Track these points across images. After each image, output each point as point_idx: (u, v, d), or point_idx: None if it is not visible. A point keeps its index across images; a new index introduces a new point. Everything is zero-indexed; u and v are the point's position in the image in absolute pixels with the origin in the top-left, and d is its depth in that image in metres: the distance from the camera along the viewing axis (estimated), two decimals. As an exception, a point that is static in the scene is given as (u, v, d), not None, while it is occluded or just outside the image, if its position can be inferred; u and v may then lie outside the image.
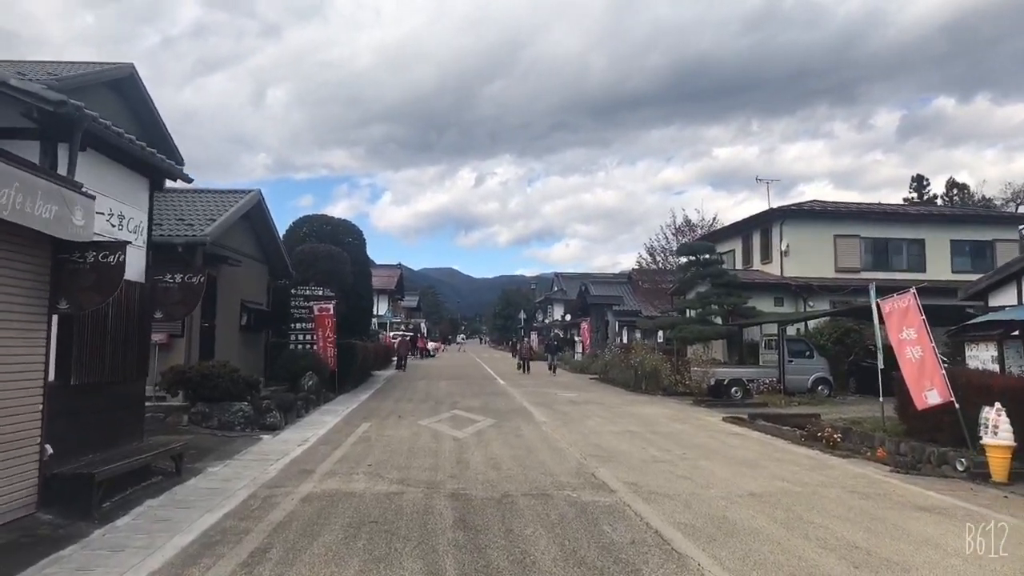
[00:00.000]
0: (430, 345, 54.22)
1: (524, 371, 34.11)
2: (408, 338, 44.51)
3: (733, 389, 20.49)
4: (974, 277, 27.34)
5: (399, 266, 66.25)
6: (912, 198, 66.83)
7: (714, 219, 39.34)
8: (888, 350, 13.43)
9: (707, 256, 26.43)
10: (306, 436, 12.43)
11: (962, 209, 38.21)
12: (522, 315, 72.04)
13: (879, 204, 34.79)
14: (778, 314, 24.83)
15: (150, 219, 9.13)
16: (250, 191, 17.71)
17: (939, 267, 28.97)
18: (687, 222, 38.75)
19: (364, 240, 29.81)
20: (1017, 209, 39.26)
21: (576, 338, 49.94)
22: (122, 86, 18.09)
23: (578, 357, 43.01)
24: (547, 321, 74.96)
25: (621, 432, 13.32)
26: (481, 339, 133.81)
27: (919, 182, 72.45)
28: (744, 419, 15.71)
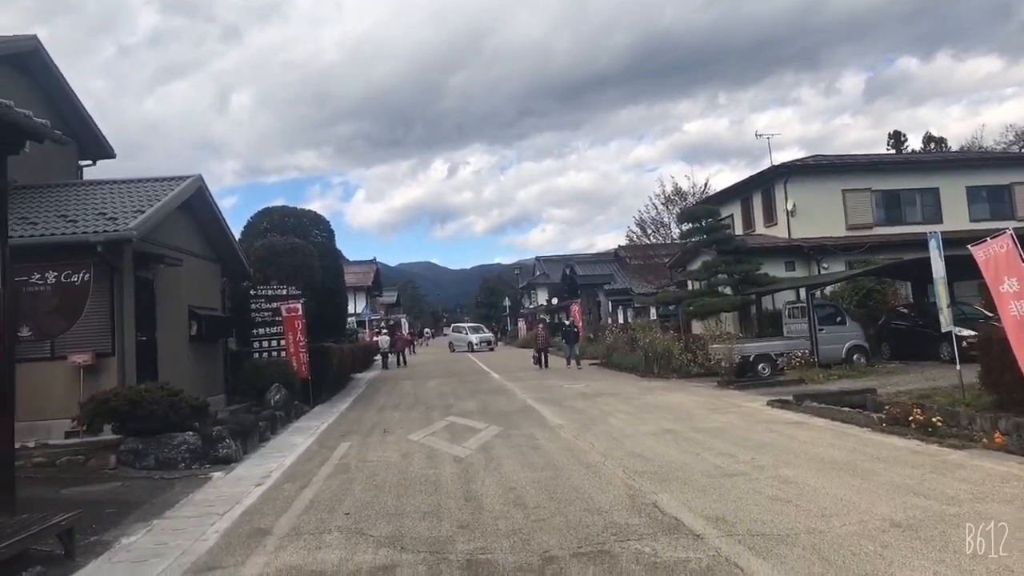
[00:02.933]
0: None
1: (542, 365, 27.04)
2: (409, 334, 41.82)
3: (760, 366, 18.12)
4: (993, 225, 25.43)
5: (374, 261, 63.24)
6: (892, 156, 64.89)
7: (706, 185, 36.95)
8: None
9: (710, 221, 24.03)
10: (269, 469, 9.85)
11: (977, 153, 36.06)
12: (507, 302, 69.39)
13: (888, 153, 32.65)
14: (800, 279, 22.57)
15: (3, 198, 6.42)
16: (188, 177, 14.98)
17: (956, 217, 26.86)
18: (677, 190, 36.25)
19: (333, 232, 27.08)
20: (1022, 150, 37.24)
21: (566, 321, 47.55)
22: (27, 63, 15.18)
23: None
24: (531, 306, 72.45)
25: (658, 432, 10.86)
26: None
27: (896, 139, 70.58)
28: (790, 402, 13.33)
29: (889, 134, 72.83)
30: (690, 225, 24.64)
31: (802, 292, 23.04)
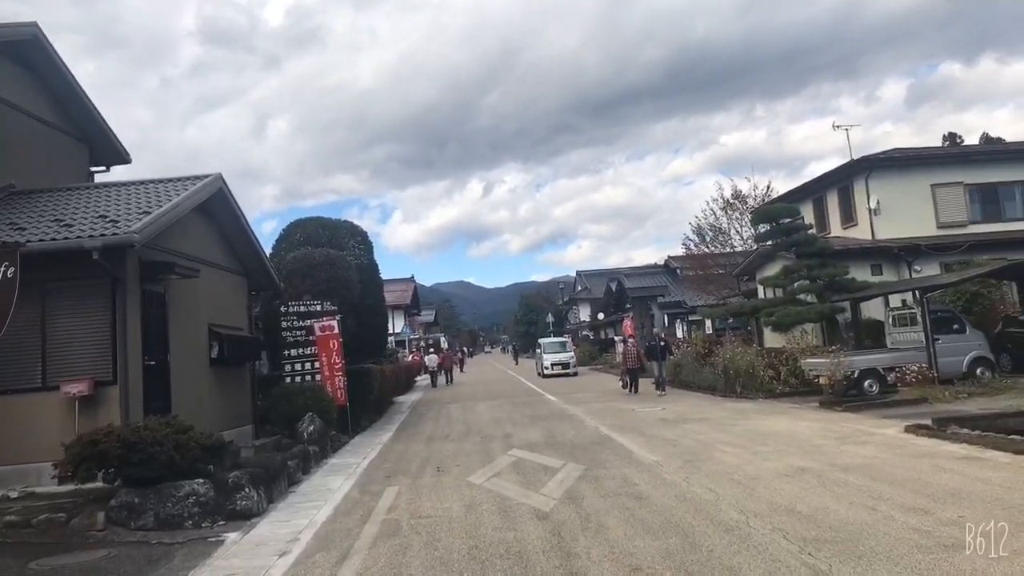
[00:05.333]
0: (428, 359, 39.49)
1: (631, 390, 22.31)
2: (455, 351, 40.42)
3: (867, 382, 15.62)
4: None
5: (412, 279, 61.46)
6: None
7: (768, 187, 34.33)
8: None
9: (789, 221, 21.56)
10: (297, 527, 7.69)
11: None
12: (550, 318, 66.94)
13: (983, 144, 29.87)
14: (902, 282, 20.02)
15: None
16: (207, 176, 13.04)
17: (1064, 211, 23.99)
18: (737, 194, 33.71)
19: (371, 245, 24.97)
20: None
21: (616, 338, 45.05)
22: (28, 56, 13.29)
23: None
24: (575, 323, 69.90)
25: (791, 472, 8.47)
26: (504, 348, 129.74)
27: (952, 141, 67.11)
28: (932, 427, 10.83)
29: (944, 136, 69.23)
30: (765, 227, 22.19)
31: (891, 299, 20.58)
